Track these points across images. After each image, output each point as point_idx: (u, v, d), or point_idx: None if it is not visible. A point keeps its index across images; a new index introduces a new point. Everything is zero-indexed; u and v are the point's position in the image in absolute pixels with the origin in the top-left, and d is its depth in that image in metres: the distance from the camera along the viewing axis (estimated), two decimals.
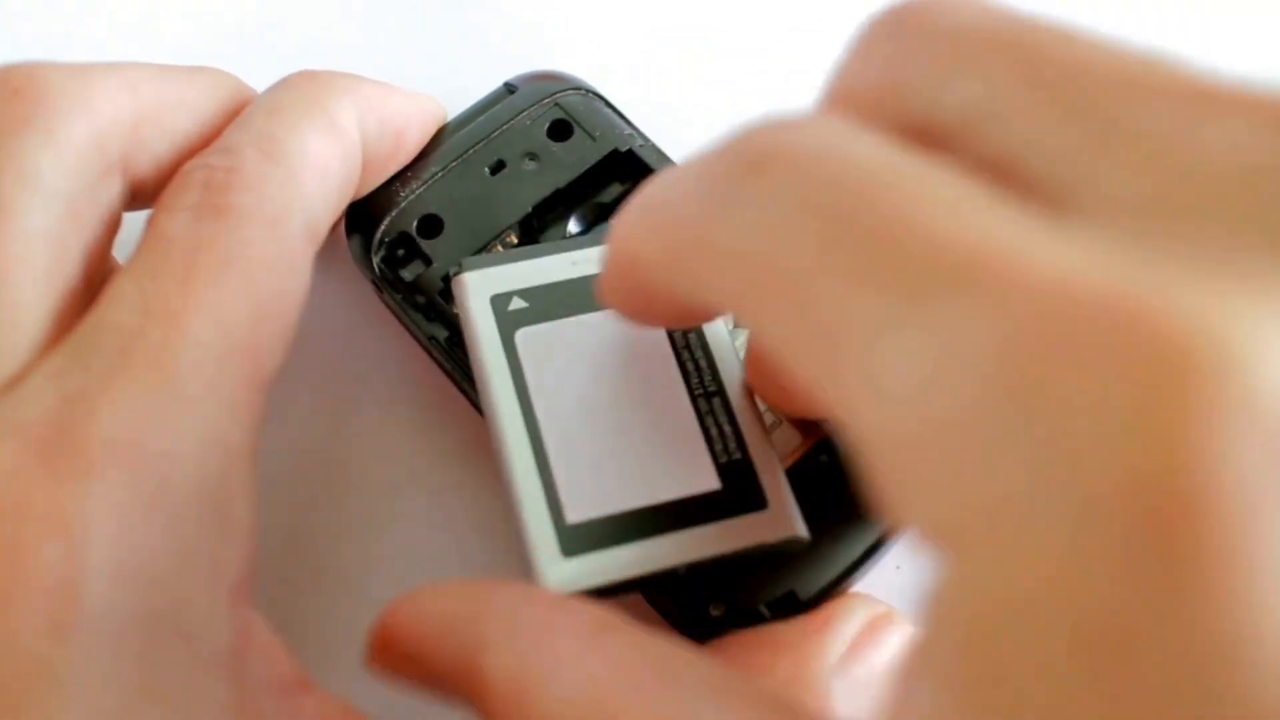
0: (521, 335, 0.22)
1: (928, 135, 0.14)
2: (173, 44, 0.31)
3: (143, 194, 0.22)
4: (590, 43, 0.31)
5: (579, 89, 0.27)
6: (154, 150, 0.21)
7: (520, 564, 0.21)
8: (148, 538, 0.17)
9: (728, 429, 0.22)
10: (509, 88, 0.27)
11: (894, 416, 0.12)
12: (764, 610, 0.22)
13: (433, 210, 0.26)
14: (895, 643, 0.22)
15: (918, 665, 0.12)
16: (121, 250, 0.21)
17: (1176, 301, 0.11)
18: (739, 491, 0.21)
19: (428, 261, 0.25)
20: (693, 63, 0.31)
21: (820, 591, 0.22)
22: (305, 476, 0.25)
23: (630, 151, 0.26)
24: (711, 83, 0.31)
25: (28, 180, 0.19)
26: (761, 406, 0.23)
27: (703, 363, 0.22)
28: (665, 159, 0.26)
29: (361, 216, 0.26)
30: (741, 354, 0.23)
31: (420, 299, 0.25)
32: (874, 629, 0.22)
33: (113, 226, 0.21)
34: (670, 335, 0.22)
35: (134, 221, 0.21)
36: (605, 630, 0.17)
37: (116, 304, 0.19)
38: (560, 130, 0.27)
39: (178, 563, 0.17)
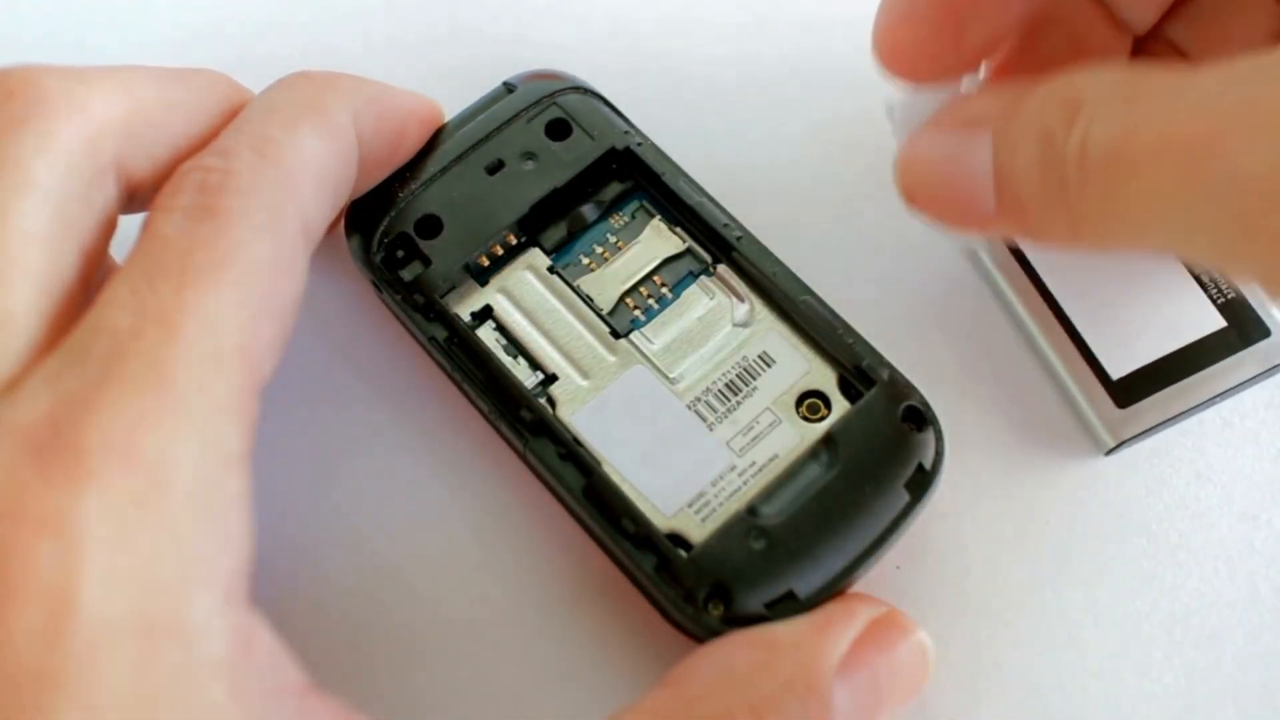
0: None
1: None
2: (169, 46, 0.31)
3: (139, 196, 0.22)
4: (590, 43, 0.31)
5: (578, 88, 0.27)
6: (149, 152, 0.21)
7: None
8: (142, 541, 0.17)
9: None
10: (508, 87, 0.27)
11: None
12: (764, 610, 0.22)
13: (432, 210, 0.25)
14: (897, 645, 0.22)
15: None
16: (120, 253, 0.21)
17: None
18: (1242, 325, 0.26)
19: (427, 262, 0.25)
20: (692, 62, 0.31)
21: (819, 591, 0.22)
22: (304, 476, 0.25)
23: (629, 150, 0.26)
24: (710, 82, 0.30)
25: (22, 183, 0.19)
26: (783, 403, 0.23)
27: None
28: (664, 158, 0.26)
29: (361, 216, 0.26)
30: None
31: (419, 299, 0.25)
32: (876, 630, 0.22)
33: (108, 228, 0.21)
34: None
35: (132, 223, 0.21)
36: None
37: (111, 307, 0.18)
38: (559, 129, 0.27)
39: (173, 566, 0.17)
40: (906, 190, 0.22)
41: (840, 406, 0.24)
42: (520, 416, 0.24)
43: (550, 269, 0.26)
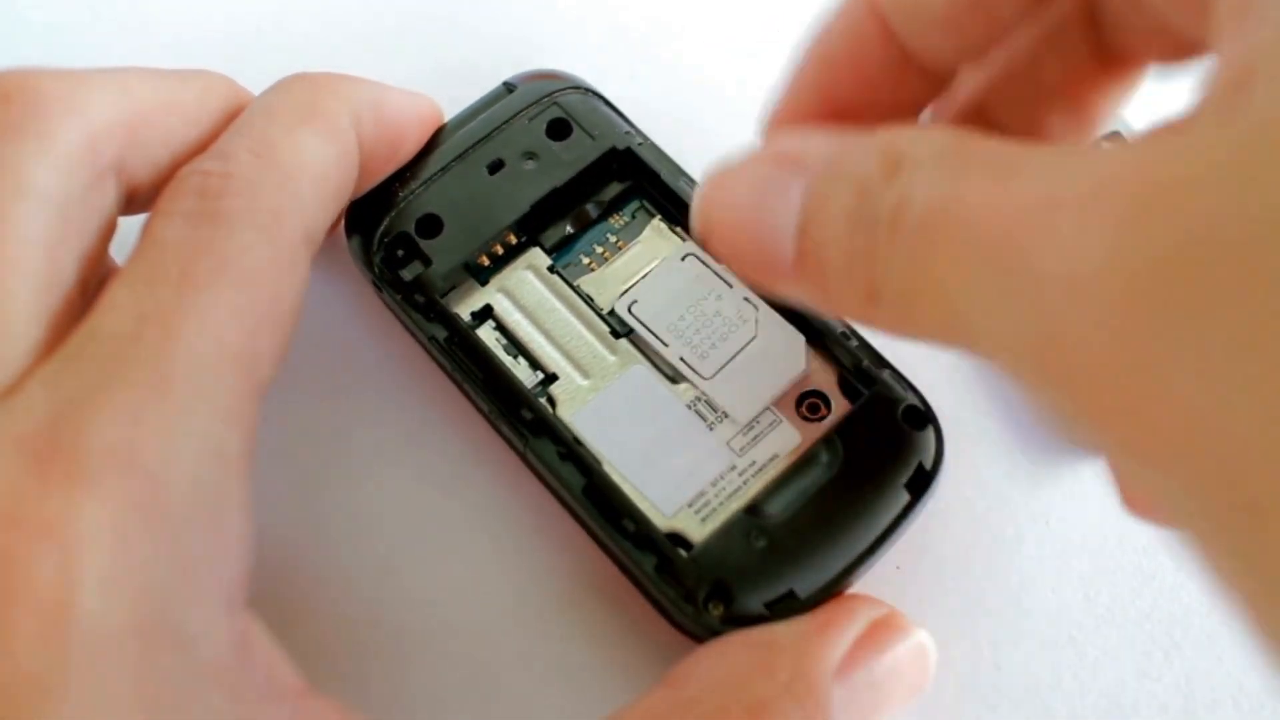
0: None
1: None
2: (169, 47, 0.31)
3: (139, 198, 0.21)
4: (590, 43, 0.31)
5: (578, 88, 0.27)
6: (149, 155, 0.21)
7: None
8: (142, 547, 0.17)
9: None
10: (508, 87, 0.27)
11: None
12: (764, 610, 0.22)
13: (432, 210, 0.25)
14: (897, 646, 0.22)
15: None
16: (120, 254, 0.21)
17: None
18: None
19: (427, 261, 0.25)
20: (692, 63, 0.31)
21: (820, 591, 0.22)
22: (305, 477, 0.25)
23: (629, 150, 0.26)
24: (710, 82, 0.30)
25: (21, 186, 0.19)
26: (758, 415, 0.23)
27: None
28: (664, 158, 0.26)
29: (361, 216, 0.26)
30: None
31: (420, 298, 0.25)
32: (876, 632, 0.22)
33: (108, 231, 0.21)
34: None
35: (132, 225, 0.21)
36: None
37: (111, 311, 0.18)
38: (559, 129, 0.27)
39: (173, 572, 0.17)
40: (702, 227, 0.20)
41: (840, 406, 0.24)
42: (520, 416, 0.24)
43: (550, 268, 0.26)
